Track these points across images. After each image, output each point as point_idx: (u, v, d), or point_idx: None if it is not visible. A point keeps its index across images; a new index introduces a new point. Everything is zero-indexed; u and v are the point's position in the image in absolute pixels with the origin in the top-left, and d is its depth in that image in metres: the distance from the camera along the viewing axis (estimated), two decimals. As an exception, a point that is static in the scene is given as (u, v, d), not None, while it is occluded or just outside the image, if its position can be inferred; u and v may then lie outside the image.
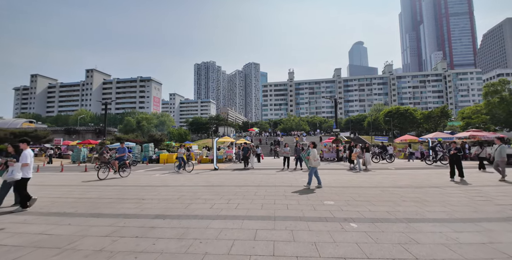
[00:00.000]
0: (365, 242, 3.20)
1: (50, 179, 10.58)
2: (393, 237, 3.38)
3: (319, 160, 7.80)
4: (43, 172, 14.19)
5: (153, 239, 3.39)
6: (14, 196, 5.46)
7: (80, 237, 3.49)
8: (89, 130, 39.41)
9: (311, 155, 7.55)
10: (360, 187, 7.55)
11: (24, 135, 24.43)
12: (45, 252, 3.01)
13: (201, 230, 3.75)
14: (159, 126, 65.85)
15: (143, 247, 3.11)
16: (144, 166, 18.23)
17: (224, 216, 4.51)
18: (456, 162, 8.78)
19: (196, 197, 6.23)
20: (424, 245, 3.11)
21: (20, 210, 5.00)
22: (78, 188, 8.02)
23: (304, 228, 3.79)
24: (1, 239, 3.48)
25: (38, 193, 7.08)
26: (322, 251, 2.94)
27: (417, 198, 5.93)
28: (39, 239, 3.44)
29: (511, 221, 4.16)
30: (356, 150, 12.89)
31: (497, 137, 10.26)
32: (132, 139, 23.75)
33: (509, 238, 3.39)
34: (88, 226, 3.99)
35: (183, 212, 4.84)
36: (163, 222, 4.18)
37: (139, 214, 4.73)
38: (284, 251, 2.97)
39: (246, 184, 8.45)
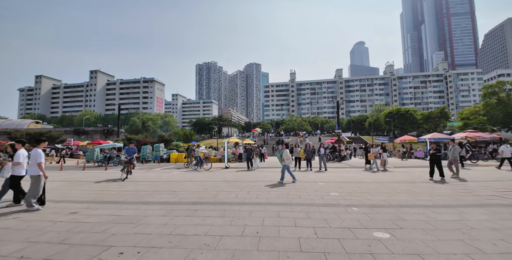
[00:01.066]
0: (363, 219, 4.21)
1: (83, 176, 11.64)
2: (385, 216, 4.39)
3: (291, 159, 8.92)
4: (66, 170, 15.27)
5: (201, 217, 4.42)
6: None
7: (144, 217, 4.52)
8: (97, 130, 40.61)
9: (284, 155, 8.56)
10: (361, 182, 8.55)
11: (40, 135, 25.53)
12: (124, 226, 4.03)
13: (235, 211, 4.77)
14: (163, 126, 67.05)
15: (196, 222, 4.13)
16: (157, 165, 19.29)
17: (249, 202, 5.54)
18: (436, 161, 9.01)
19: (220, 190, 7.26)
20: (408, 221, 4.12)
21: (13, 205, 5.41)
22: (112, 183, 9.06)
23: (316, 210, 4.81)
24: (83, 218, 4.52)
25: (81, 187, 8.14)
26: (331, 224, 3.96)
27: (409, 191, 6.93)
28: (112, 219, 4.46)
29: (484, 207, 5.14)
30: (373, 150, 12.72)
31: (451, 139, 11.36)
32: (142, 140, 24.85)
33: (476, 217, 4.38)
34: (144, 210, 5.02)
35: (214, 200, 5.87)
36: (202, 207, 5.21)
37: (179, 201, 5.76)
38: (302, 223, 3.98)
39: (258, 180, 9.47)
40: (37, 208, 5.12)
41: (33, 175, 5.12)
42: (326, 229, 3.74)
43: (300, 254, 2.86)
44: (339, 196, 6.24)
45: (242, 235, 3.50)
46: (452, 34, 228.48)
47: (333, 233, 3.54)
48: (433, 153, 9.15)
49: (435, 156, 9.06)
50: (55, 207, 5.39)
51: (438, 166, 8.90)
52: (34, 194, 5.11)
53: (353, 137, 46.56)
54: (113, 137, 41.97)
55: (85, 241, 3.36)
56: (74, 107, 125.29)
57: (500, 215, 4.45)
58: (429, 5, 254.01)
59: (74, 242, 3.33)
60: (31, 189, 5.10)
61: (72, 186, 8.51)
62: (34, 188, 5.10)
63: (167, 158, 21.73)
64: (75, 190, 7.51)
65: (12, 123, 65.81)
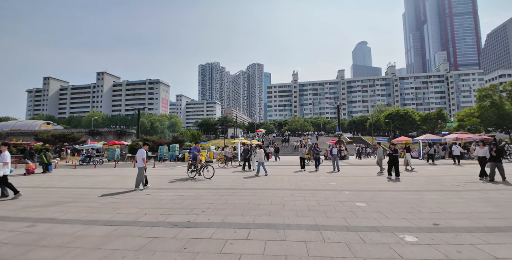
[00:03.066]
0: (351, 198, 6.19)
1: (122, 172, 13.71)
2: (366, 196, 6.35)
3: (263, 158, 11.52)
4: (100, 168, 17.38)
5: (239, 195, 6.44)
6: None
7: (201, 195, 6.53)
8: (110, 131, 42.85)
9: (257, 155, 11.45)
10: (355, 176, 10.52)
11: (63, 137, 27.80)
12: (193, 200, 6.03)
13: (261, 193, 6.78)
14: (170, 127, 69.30)
15: (238, 198, 6.14)
16: (174, 163, 21.35)
17: (271, 188, 7.55)
18: (393, 162, 9.74)
19: (244, 181, 9.26)
20: (381, 197, 6.09)
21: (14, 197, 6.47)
22: (154, 178, 11.11)
23: (318, 193, 6.79)
24: (157, 198, 6.53)
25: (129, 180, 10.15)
26: (329, 200, 5.95)
27: (392, 181, 8.89)
28: (178, 197, 6.47)
29: (442, 191, 7.07)
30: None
31: (378, 142, 13.47)
32: (157, 140, 26.94)
33: (430, 196, 6.32)
34: (199, 192, 7.04)
35: (243, 187, 7.87)
36: (235, 191, 7.21)
37: (218, 187, 7.78)
38: (309, 199, 5.97)
39: (272, 174, 11.45)
40: (141, 189, 7.57)
41: (140, 167, 7.62)
42: (325, 201, 5.73)
43: (309, 212, 4.84)
44: (336, 185, 8.23)
45: (271, 204, 5.51)
46: (455, 34, 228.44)
47: (330, 203, 5.53)
48: (390, 153, 9.95)
49: (392, 156, 9.83)
50: (149, 189, 7.44)
51: (394, 166, 9.71)
52: (140, 179, 7.61)
53: (354, 137, 48.35)
54: (126, 138, 44.21)
55: (174, 206, 5.38)
56: (81, 108, 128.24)
57: (447, 195, 6.40)
58: (432, 5, 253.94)
59: (167, 206, 5.36)
60: (138, 175, 7.62)
61: (154, 179, 10.56)
62: (140, 175, 7.60)
63: (182, 157, 23.78)
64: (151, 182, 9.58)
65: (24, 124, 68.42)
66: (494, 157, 8.33)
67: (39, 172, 13.47)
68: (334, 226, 3.96)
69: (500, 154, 8.31)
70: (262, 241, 3.35)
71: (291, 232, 3.70)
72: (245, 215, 4.65)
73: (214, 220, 4.35)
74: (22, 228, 4.05)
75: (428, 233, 3.66)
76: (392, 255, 2.91)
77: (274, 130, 73.24)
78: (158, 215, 4.76)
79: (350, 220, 4.28)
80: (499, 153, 8.27)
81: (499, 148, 8.21)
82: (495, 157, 8.32)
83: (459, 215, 4.56)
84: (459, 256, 2.88)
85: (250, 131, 72.27)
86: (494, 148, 8.33)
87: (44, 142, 26.41)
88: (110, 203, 5.84)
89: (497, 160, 8.33)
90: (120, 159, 25.28)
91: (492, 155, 8.36)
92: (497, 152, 8.29)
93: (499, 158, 8.31)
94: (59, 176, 12.01)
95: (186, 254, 2.97)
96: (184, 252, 3.04)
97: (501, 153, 8.28)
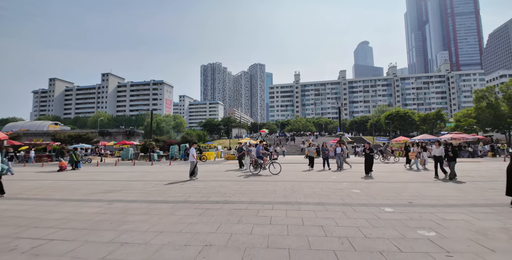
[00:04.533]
0: (349, 186, 7.60)
1: (146, 169, 15.19)
2: (361, 186, 7.75)
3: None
4: (119, 166, 18.89)
5: (256, 185, 7.86)
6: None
7: (227, 185, 7.96)
8: (119, 132, 44.50)
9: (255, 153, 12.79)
10: (353, 171, 11.90)
11: (79, 137, 29.42)
12: (221, 188, 7.45)
13: (274, 183, 8.20)
14: (175, 127, 70.93)
15: (255, 186, 7.56)
16: (185, 162, 22.82)
17: (282, 180, 8.97)
18: (368, 160, 10.27)
19: (264, 175, 10.70)
20: (373, 186, 7.50)
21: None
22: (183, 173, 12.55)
23: (322, 184, 8.21)
24: (191, 186, 7.96)
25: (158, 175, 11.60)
26: (331, 188, 7.36)
27: (387, 173, 10.28)
28: (208, 186, 7.90)
29: (426, 182, 8.45)
30: (414, 149, 12.84)
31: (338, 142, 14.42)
32: (168, 140, 28.44)
33: (414, 186, 7.69)
34: (223, 182, 8.47)
35: (270, 180, 9.31)
36: (247, 179, 8.63)
37: (230, 179, 9.22)
38: (314, 187, 7.39)
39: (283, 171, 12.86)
40: (193, 179, 9.30)
41: (191, 161, 9.48)
42: (328, 189, 7.15)
43: (315, 195, 6.25)
44: (336, 178, 9.63)
45: (284, 190, 6.94)
46: (457, 33, 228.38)
47: (331, 190, 6.96)
48: (367, 153, 10.49)
49: (368, 155, 10.38)
50: (197, 180, 8.90)
51: (369, 164, 10.21)
52: (191, 171, 9.43)
53: (355, 137, 49.62)
54: (134, 138, 45.83)
55: (209, 192, 6.83)
56: (86, 108, 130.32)
57: (429, 185, 7.78)
58: (433, 4, 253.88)
59: (204, 192, 6.80)
60: (190, 168, 9.46)
61: (176, 174, 12.05)
62: (192, 167, 9.44)
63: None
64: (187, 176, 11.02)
65: (33, 125, 70.39)
66: (450, 156, 8.77)
67: (69, 169, 14.99)
68: (334, 203, 5.39)
69: (456, 154, 8.78)
70: (283, 210, 4.78)
71: (303, 206, 5.12)
72: (266, 197, 6.08)
73: (244, 200, 5.79)
74: (104, 205, 5.51)
75: (402, 207, 5.06)
76: (373, 217, 4.33)
77: (277, 130, 74.62)
78: (200, 197, 6.21)
79: (347, 200, 5.70)
80: (455, 153, 8.77)
81: (455, 149, 8.84)
82: (451, 157, 8.74)
83: (430, 198, 5.96)
84: (419, 217, 4.29)
85: (253, 131, 73.71)
86: (450, 148, 8.85)
87: (61, 142, 28.00)
88: (156, 190, 7.30)
89: (453, 159, 8.75)
90: (133, 158, 26.76)
91: (449, 155, 8.78)
92: (454, 153, 8.73)
93: (455, 158, 8.78)
94: (90, 172, 13.51)
95: (234, 216, 4.40)
96: (232, 215, 4.48)
97: (456, 153, 8.84)
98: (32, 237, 3.51)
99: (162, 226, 3.95)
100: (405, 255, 2.81)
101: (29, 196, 6.82)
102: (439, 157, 9.22)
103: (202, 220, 4.23)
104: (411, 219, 4.19)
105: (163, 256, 2.86)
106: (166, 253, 2.93)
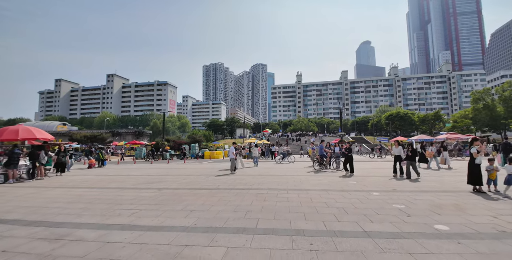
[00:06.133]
0: (347, 179, 9.14)
1: (166, 166, 16.82)
2: (357, 179, 9.28)
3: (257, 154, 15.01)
4: (138, 164, 20.54)
5: (268, 179, 9.44)
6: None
7: (244, 179, 9.53)
8: (129, 132, 46.29)
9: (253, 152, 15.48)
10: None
11: (94, 137, 31.17)
12: (240, 180, 9.02)
13: (285, 177, 9.76)
14: (181, 127, 72.72)
15: (268, 179, 9.13)
16: (196, 160, 24.43)
17: (291, 174, 10.52)
18: (348, 160, 10.70)
19: (275, 171, 12.28)
20: (367, 180, 9.03)
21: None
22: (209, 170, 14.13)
23: (324, 178, 9.75)
24: (216, 180, 9.54)
25: (181, 171, 13.17)
26: (332, 181, 8.91)
27: (347, 177, 11.81)
28: (228, 179, 9.46)
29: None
30: (431, 149, 12.78)
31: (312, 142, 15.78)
32: (178, 140, 30.10)
33: (401, 179, 9.21)
34: (242, 177, 10.05)
35: (280, 174, 10.87)
36: (281, 176, 10.20)
37: (244, 174, 10.79)
38: (319, 180, 8.94)
39: (292, 168, 14.43)
40: (233, 173, 11.11)
41: (231, 158, 11.38)
42: (330, 181, 8.70)
43: (319, 185, 7.80)
44: (336, 173, 11.18)
45: (294, 181, 8.51)
46: (459, 33, 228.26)
47: (332, 182, 8.51)
48: (345, 153, 10.94)
49: (346, 155, 10.85)
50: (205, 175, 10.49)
51: (349, 163, 10.60)
52: (232, 166, 11.36)
53: (356, 137, 51.01)
54: (143, 138, 47.57)
55: (233, 183, 8.40)
56: (92, 109, 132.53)
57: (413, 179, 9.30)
58: (436, 4, 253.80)
59: (229, 183, 8.37)
60: (232, 164, 11.39)
61: (195, 170, 13.67)
62: (232, 163, 11.36)
63: (202, 155, 26.84)
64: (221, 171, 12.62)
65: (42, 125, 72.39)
66: (408, 156, 9.23)
67: (96, 166, 16.65)
68: (334, 190, 6.94)
69: (414, 154, 9.26)
70: (296, 194, 6.36)
71: (310, 191, 6.69)
72: (281, 186, 7.66)
73: (263, 187, 7.37)
74: (156, 191, 7.10)
75: (386, 192, 6.60)
76: (363, 198, 5.87)
77: (279, 130, 76.14)
78: (227, 186, 7.80)
79: (345, 188, 7.25)
80: (414, 153, 9.26)
81: (414, 149, 9.45)
82: (410, 157, 9.19)
83: (412, 187, 7.49)
84: (397, 198, 5.82)
85: (256, 131, 75.29)
86: (410, 148, 9.32)
87: (78, 142, 29.75)
88: (189, 182, 8.90)
89: (412, 159, 9.17)
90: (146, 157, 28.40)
91: (408, 155, 9.25)
92: (412, 152, 9.22)
93: (414, 158, 9.22)
94: (119, 169, 15.16)
95: (260, 197, 5.98)
96: (258, 196, 6.06)
97: (415, 153, 9.35)
98: (125, 209, 5.10)
99: (211, 202, 5.54)
100: (380, 216, 4.36)
101: (88, 186, 8.44)
102: (398, 157, 9.76)
103: (238, 199, 5.82)
104: (390, 199, 5.74)
105: (223, 215, 4.43)
106: (224, 215, 4.51)
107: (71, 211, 4.93)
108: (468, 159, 6.98)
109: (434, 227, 3.78)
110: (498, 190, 6.51)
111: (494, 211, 4.63)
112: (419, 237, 3.36)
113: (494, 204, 5.21)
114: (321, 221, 4.08)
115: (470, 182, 6.66)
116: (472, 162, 6.66)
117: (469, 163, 6.72)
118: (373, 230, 3.64)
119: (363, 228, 3.73)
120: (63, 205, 5.44)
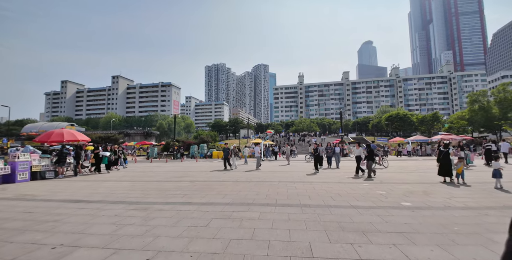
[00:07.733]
0: (344, 174, 10.78)
1: (184, 164, 18.53)
2: (353, 174, 10.92)
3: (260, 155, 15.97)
4: (154, 163, 22.26)
5: (276, 175, 11.10)
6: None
7: (257, 174, 11.20)
8: (138, 133, 48.17)
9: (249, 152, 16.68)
10: (350, 166, 15.05)
11: (107, 138, 32.97)
12: (253, 176, 10.69)
13: (289, 173, 11.42)
14: (185, 128, 74.63)
15: (274, 174, 10.79)
16: (205, 160, 26.13)
17: (296, 171, 12.17)
18: (316, 159, 12.51)
19: (281, 168, 13.95)
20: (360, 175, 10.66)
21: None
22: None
23: (323, 173, 11.39)
24: (236, 174, 11.20)
25: (200, 168, 14.85)
26: (330, 175, 10.56)
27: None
28: (246, 174, 11.12)
29: (401, 172, 11.55)
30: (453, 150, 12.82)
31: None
32: (186, 141, 31.83)
33: (389, 174, 10.83)
34: (255, 173, 11.71)
35: (286, 170, 12.54)
36: (287, 172, 11.86)
37: (252, 169, 12.47)
38: (318, 174, 10.58)
39: (297, 165, 16.07)
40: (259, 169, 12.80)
41: (257, 157, 13.20)
42: (328, 176, 10.34)
43: (319, 178, 9.45)
44: (335, 170, 12.82)
45: (298, 176, 10.16)
46: (461, 33, 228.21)
47: (330, 176, 10.15)
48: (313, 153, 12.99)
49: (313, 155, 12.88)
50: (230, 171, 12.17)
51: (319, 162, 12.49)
52: (258, 164, 13.10)
53: (357, 137, 52.52)
54: (151, 138, 49.41)
55: (249, 176, 10.07)
56: (97, 109, 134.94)
57: (401, 173, 10.91)
58: (437, 4, 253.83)
59: (246, 176, 10.04)
60: (257, 162, 13.18)
61: (210, 168, 15.36)
62: (257, 162, 13.11)
63: (210, 155, 28.53)
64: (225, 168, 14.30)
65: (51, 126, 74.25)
66: (367, 156, 10.05)
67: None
68: (332, 182, 8.59)
69: (371, 154, 10.01)
70: (301, 184, 8.02)
71: (314, 183, 8.35)
72: (289, 179, 9.32)
73: (275, 180, 9.04)
74: (189, 182, 8.78)
75: (374, 184, 8.23)
76: (354, 187, 7.52)
77: (282, 130, 77.73)
78: (245, 179, 9.48)
79: (342, 180, 8.90)
80: (371, 153, 10.00)
81: (371, 149, 10.24)
82: (368, 156, 10.00)
83: (397, 179, 9.11)
84: (381, 187, 7.45)
85: (259, 132, 76.96)
86: (368, 149, 10.21)
87: (93, 142, 31.55)
88: (210, 176, 10.58)
89: (370, 158, 9.91)
90: (158, 156, 30.21)
91: (366, 155, 10.12)
92: (369, 153, 9.99)
93: (372, 157, 9.97)
94: (142, 167, 16.89)
95: (274, 187, 7.64)
96: (272, 186, 7.72)
97: (372, 153, 10.10)
98: (174, 194, 6.78)
99: (236, 189, 7.22)
100: (365, 198, 6.00)
101: (129, 180, 10.13)
102: (358, 157, 10.63)
103: (256, 187, 7.51)
104: (376, 188, 7.39)
105: (250, 197, 6.11)
106: (250, 196, 6.18)
107: (136, 195, 6.63)
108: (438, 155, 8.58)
109: (401, 203, 5.42)
110: (465, 182, 8.11)
111: (450, 195, 6.25)
112: (387, 208, 5.00)
113: (454, 190, 6.84)
114: (322, 200, 5.74)
115: (441, 174, 8.30)
116: (445, 158, 8.30)
117: (443, 158, 8.35)
118: (357, 205, 5.29)
119: (351, 203, 5.39)
120: (126, 192, 7.15)
